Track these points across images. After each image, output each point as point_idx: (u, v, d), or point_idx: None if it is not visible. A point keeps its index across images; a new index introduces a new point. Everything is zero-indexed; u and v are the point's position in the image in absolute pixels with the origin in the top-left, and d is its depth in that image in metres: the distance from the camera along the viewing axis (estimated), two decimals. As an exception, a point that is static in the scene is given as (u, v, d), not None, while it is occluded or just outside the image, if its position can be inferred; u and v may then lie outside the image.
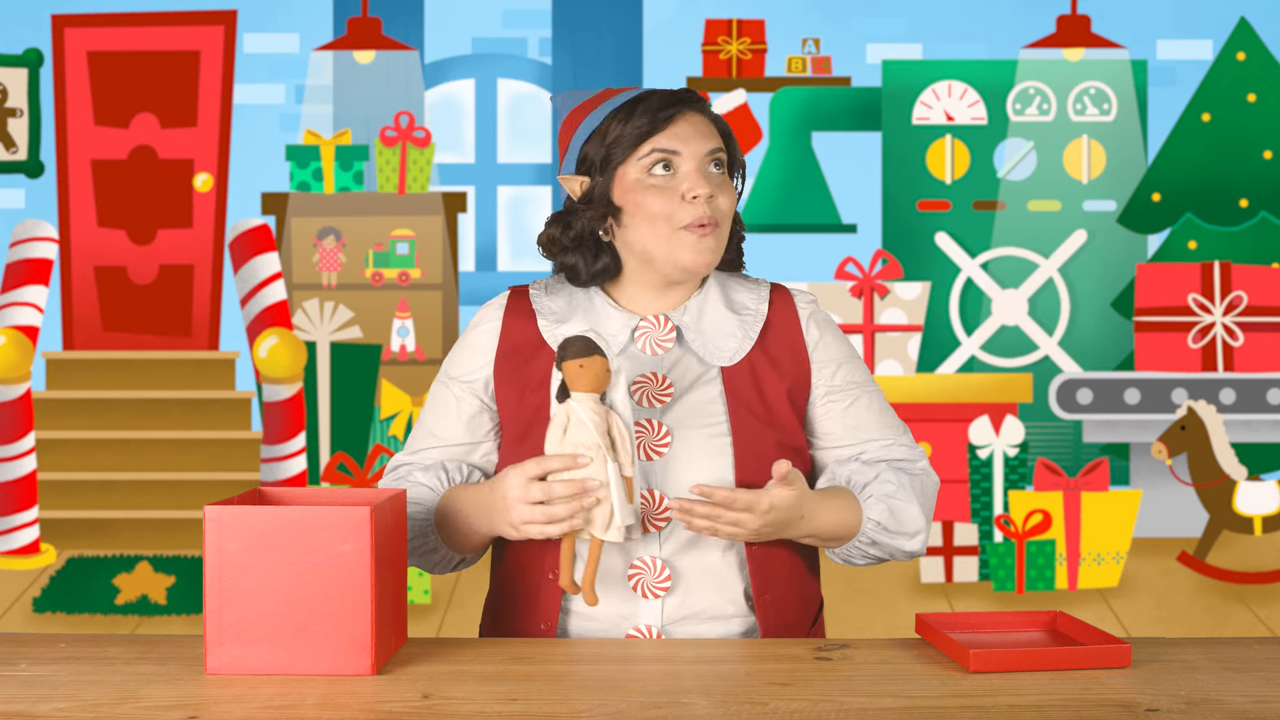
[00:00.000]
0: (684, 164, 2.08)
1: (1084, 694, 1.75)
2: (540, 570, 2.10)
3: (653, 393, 2.09)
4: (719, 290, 2.16)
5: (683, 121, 2.10)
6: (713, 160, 2.10)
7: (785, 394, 2.11)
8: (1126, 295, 6.64)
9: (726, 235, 2.12)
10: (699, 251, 2.07)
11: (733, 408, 2.08)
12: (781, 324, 2.15)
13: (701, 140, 2.09)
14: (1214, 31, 6.90)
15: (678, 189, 2.07)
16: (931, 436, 6.27)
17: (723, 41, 6.89)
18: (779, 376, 2.11)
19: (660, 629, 2.07)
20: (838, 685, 1.79)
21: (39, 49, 6.77)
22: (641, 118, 2.08)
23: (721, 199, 2.09)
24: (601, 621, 2.08)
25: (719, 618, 2.09)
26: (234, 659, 1.84)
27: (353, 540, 1.82)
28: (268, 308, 6.29)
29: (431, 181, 6.78)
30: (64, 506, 6.26)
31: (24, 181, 6.94)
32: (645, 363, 2.11)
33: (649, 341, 2.12)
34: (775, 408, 2.10)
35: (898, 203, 6.83)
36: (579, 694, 1.76)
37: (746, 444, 2.07)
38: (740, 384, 2.10)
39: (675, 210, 2.07)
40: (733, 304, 2.15)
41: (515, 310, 2.16)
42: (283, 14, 7.26)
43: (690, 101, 2.13)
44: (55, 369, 6.63)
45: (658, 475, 2.05)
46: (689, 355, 2.12)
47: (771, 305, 2.17)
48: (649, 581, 2.06)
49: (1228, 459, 5.71)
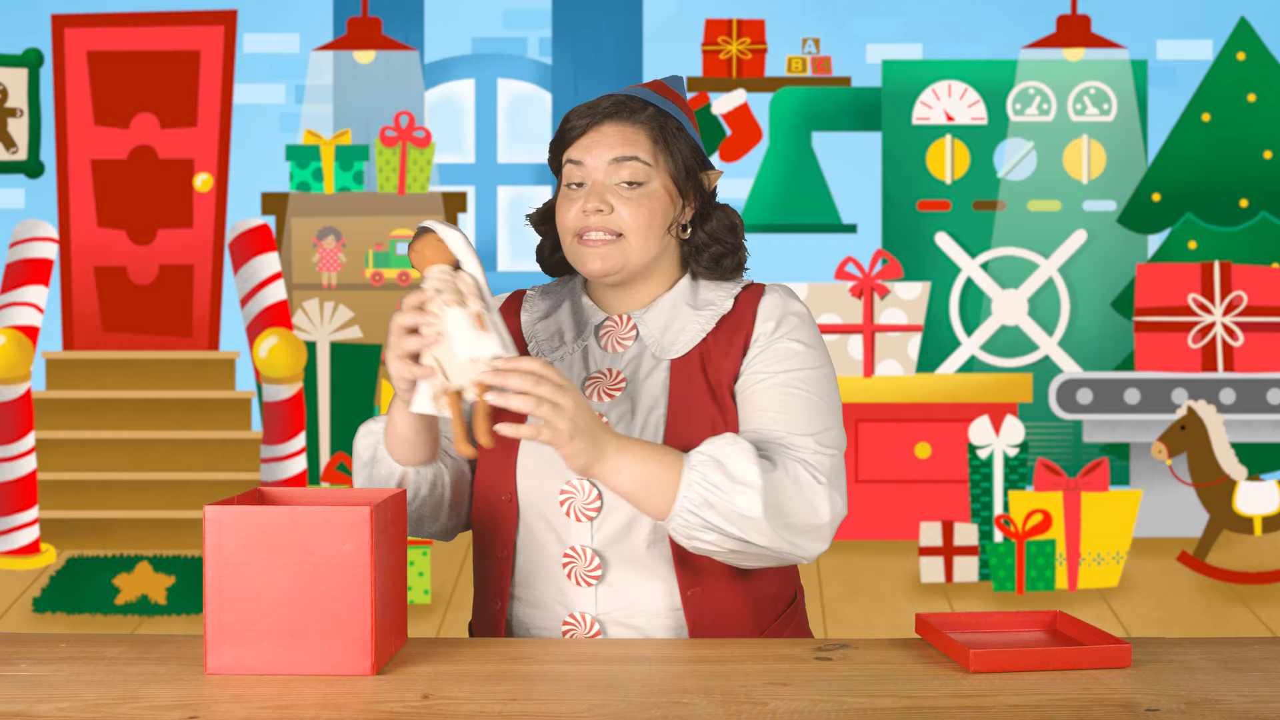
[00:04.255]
0: (587, 177, 2.14)
1: (1084, 694, 1.75)
2: (492, 554, 2.17)
3: (604, 387, 2.14)
4: (688, 290, 2.20)
5: (593, 133, 2.14)
6: (622, 171, 2.13)
7: (727, 379, 2.13)
8: (1126, 295, 6.65)
9: (635, 246, 2.13)
10: (591, 260, 2.13)
11: (673, 393, 2.12)
12: (740, 317, 2.17)
13: (606, 150, 2.13)
14: (1214, 31, 6.91)
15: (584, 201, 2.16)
16: (931, 436, 6.27)
17: (723, 41, 6.89)
18: (726, 364, 2.14)
19: (595, 617, 2.10)
20: (838, 685, 1.79)
21: (39, 49, 6.77)
22: (561, 130, 2.18)
23: (624, 211, 2.12)
24: (541, 608, 2.13)
25: (653, 611, 2.10)
26: (234, 659, 1.84)
27: (353, 540, 1.83)
28: (268, 308, 6.29)
29: (431, 181, 6.79)
30: (64, 506, 6.26)
31: (24, 181, 6.94)
32: (605, 359, 2.17)
33: (611, 339, 2.18)
34: (718, 393, 2.12)
35: (898, 203, 6.83)
36: (579, 694, 1.76)
37: (679, 427, 2.09)
38: (686, 372, 2.13)
39: (574, 222, 2.14)
40: (697, 302, 2.19)
41: (508, 310, 2.26)
42: (283, 14, 7.27)
43: (607, 112, 2.15)
44: (55, 369, 6.63)
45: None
46: (646, 351, 2.16)
47: (737, 301, 2.19)
48: (581, 570, 2.10)
49: (1228, 459, 5.71)
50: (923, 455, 6.26)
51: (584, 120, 2.14)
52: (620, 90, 2.20)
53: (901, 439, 6.26)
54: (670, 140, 2.15)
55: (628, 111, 2.14)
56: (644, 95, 2.17)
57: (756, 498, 1.96)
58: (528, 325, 2.22)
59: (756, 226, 6.85)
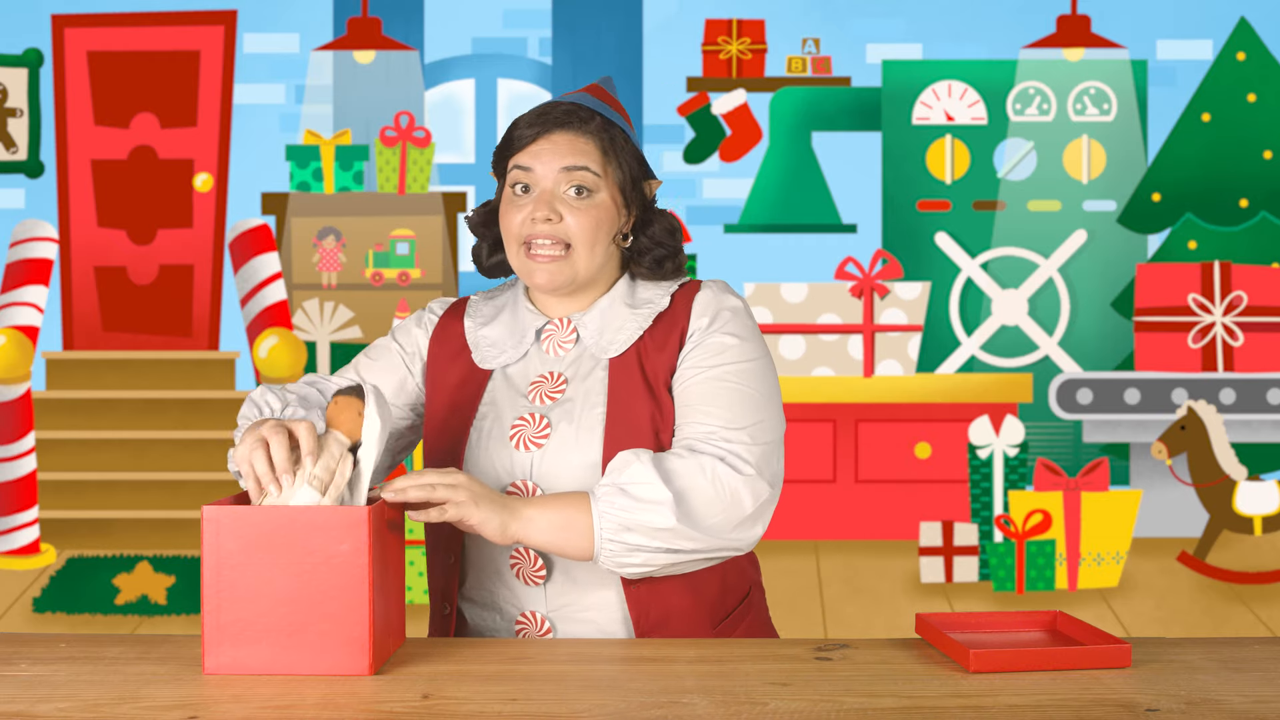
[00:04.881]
0: (536, 184, 2.15)
1: (1084, 694, 1.75)
2: (440, 560, 2.19)
3: (546, 391, 2.16)
4: (626, 290, 2.22)
5: (543, 140, 2.15)
6: (572, 180, 2.14)
7: (664, 375, 2.15)
8: (1126, 295, 6.64)
9: (583, 256, 2.15)
10: (539, 274, 2.14)
11: (611, 392, 2.13)
12: (676, 313, 2.19)
13: (556, 159, 2.14)
14: (1214, 31, 6.90)
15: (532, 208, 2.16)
16: (931, 436, 6.27)
17: (723, 41, 6.89)
18: (661, 358, 2.15)
19: (545, 615, 2.12)
20: (838, 685, 1.79)
21: (39, 49, 6.77)
22: (509, 136, 2.18)
23: (571, 220, 2.13)
24: (492, 610, 2.15)
25: (603, 605, 2.11)
26: (232, 659, 1.84)
27: (351, 540, 1.82)
28: (268, 308, 6.28)
29: (431, 181, 6.79)
30: (64, 506, 6.26)
31: (24, 181, 6.94)
32: (547, 362, 2.18)
33: (552, 343, 2.20)
34: (655, 389, 2.14)
35: (898, 203, 6.83)
36: (579, 694, 1.76)
37: (618, 424, 2.11)
38: (624, 370, 2.15)
39: (520, 229, 2.15)
40: (635, 301, 2.21)
41: (453, 313, 2.28)
42: (283, 14, 7.27)
43: (559, 121, 2.16)
44: (55, 369, 6.63)
45: (535, 465, 2.11)
46: (586, 352, 2.18)
47: (674, 299, 2.21)
48: (527, 571, 2.13)
49: (1228, 459, 5.71)
50: (923, 455, 6.26)
51: (534, 128, 2.16)
52: (563, 97, 2.21)
53: (901, 439, 6.26)
54: (618, 151, 2.17)
55: (578, 120, 2.16)
56: (590, 104, 2.18)
57: (668, 510, 1.99)
58: (471, 332, 2.24)
59: (756, 226, 6.84)
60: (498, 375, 2.19)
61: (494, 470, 2.12)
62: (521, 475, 2.11)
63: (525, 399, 2.15)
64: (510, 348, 2.20)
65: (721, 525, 2.03)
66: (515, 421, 2.13)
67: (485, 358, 2.21)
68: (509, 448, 2.12)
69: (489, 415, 2.15)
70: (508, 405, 2.15)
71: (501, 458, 2.11)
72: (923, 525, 5.58)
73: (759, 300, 6.12)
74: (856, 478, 6.26)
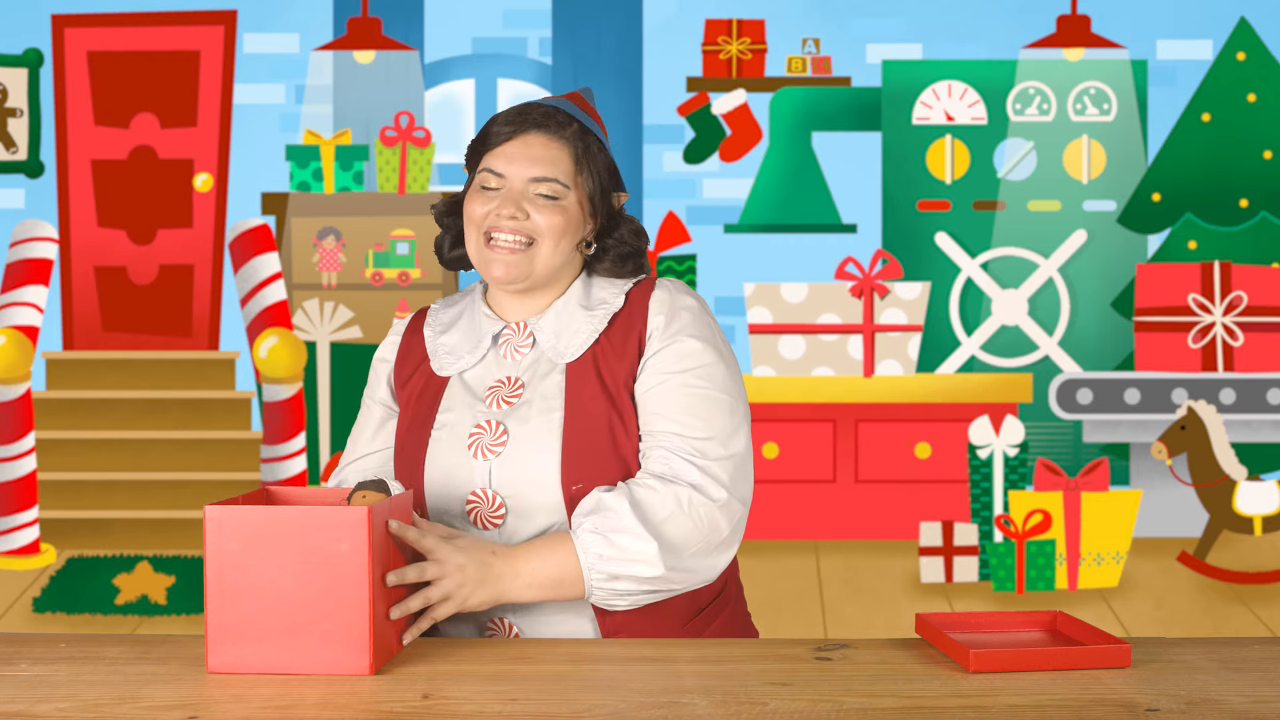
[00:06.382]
0: (505, 185, 2.17)
1: (1084, 694, 1.75)
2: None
3: (503, 396, 2.17)
4: (581, 291, 2.23)
5: (518, 141, 2.17)
6: (539, 189, 2.16)
7: (624, 379, 2.15)
8: (1126, 295, 6.64)
9: (545, 252, 2.16)
10: (496, 266, 2.16)
11: (569, 396, 2.14)
12: (632, 314, 2.19)
13: (528, 165, 2.16)
14: (1214, 31, 6.90)
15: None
16: (931, 436, 6.27)
17: (723, 41, 6.89)
18: (619, 362, 2.16)
19: (513, 621, 2.12)
20: (838, 685, 1.79)
21: (39, 49, 6.77)
22: (486, 131, 2.19)
23: (539, 217, 2.15)
24: (460, 616, 2.13)
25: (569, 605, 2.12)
26: (234, 658, 1.84)
27: (351, 540, 1.83)
28: (268, 308, 6.28)
29: (431, 181, 6.79)
30: (64, 506, 6.26)
31: (24, 181, 6.94)
32: (504, 367, 2.19)
33: (509, 348, 2.21)
34: (614, 393, 2.14)
35: (898, 203, 6.83)
36: (579, 694, 1.76)
37: (575, 429, 2.12)
38: (580, 374, 2.16)
39: (484, 219, 2.17)
40: (590, 301, 2.21)
41: (414, 327, 2.30)
42: (283, 14, 7.27)
43: (536, 122, 2.17)
44: (55, 369, 6.63)
45: (494, 473, 2.12)
46: (543, 358, 2.19)
47: (629, 298, 2.21)
48: None
49: (1228, 459, 5.71)
50: (923, 455, 6.26)
51: (510, 127, 2.17)
52: (546, 100, 2.22)
53: (901, 439, 6.26)
54: (591, 160, 2.18)
55: (555, 124, 2.17)
56: (569, 110, 2.19)
57: (654, 559, 2.05)
58: (430, 340, 2.26)
59: (756, 226, 6.84)
60: (455, 381, 2.20)
61: (454, 480, 2.13)
62: (481, 484, 2.12)
63: (483, 404, 2.16)
64: (467, 353, 2.22)
65: (701, 554, 2.09)
66: (472, 430, 2.14)
67: (443, 365, 2.22)
68: (467, 457, 2.13)
69: (446, 424, 2.17)
70: (465, 411, 2.16)
71: (460, 467, 2.13)
72: (923, 525, 5.58)
73: (759, 300, 6.12)
74: (856, 478, 6.26)
